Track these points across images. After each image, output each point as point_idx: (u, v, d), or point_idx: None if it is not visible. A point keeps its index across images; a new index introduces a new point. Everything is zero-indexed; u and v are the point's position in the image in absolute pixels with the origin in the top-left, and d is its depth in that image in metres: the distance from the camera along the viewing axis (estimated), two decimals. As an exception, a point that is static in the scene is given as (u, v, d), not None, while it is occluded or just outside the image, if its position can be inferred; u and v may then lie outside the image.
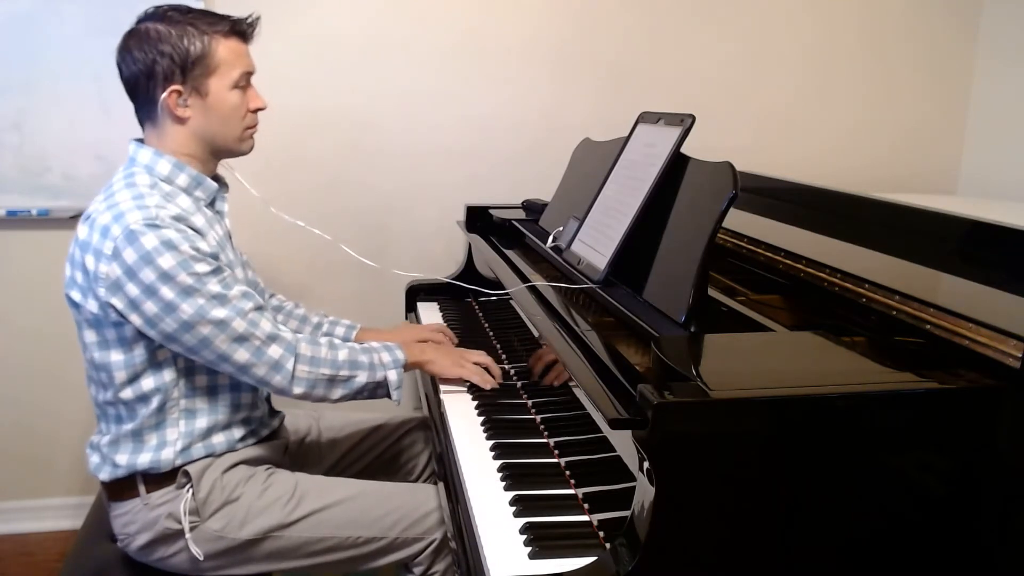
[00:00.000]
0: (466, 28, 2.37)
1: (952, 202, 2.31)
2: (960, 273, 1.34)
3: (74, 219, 2.25)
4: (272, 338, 1.36)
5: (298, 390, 1.39)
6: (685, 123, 1.40)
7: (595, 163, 1.74)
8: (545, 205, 2.02)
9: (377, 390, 1.47)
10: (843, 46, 2.59)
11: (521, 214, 2.13)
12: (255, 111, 1.45)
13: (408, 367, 1.50)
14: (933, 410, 0.96)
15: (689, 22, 2.48)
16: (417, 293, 2.19)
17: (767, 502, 0.94)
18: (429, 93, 2.38)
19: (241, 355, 1.33)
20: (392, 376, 1.46)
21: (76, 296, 1.35)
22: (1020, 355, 0.94)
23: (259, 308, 1.37)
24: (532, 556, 1.05)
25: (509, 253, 1.92)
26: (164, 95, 1.35)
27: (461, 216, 2.25)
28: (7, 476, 2.39)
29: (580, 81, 2.45)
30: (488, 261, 1.92)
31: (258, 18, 1.44)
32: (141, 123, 1.43)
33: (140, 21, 1.38)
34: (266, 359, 1.35)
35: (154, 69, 1.34)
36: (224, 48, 1.37)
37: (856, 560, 0.97)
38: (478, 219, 2.20)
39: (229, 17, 1.41)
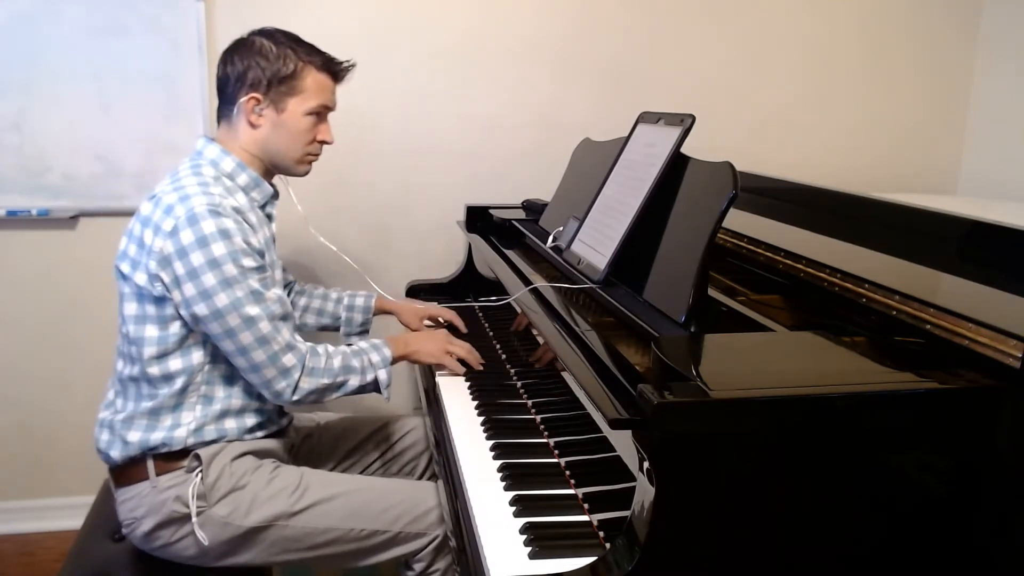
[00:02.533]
0: (466, 28, 2.37)
1: (952, 202, 2.31)
2: (960, 273, 1.34)
3: (74, 219, 2.26)
4: (289, 347, 1.42)
5: (296, 397, 1.45)
6: (685, 123, 1.40)
7: (595, 163, 1.74)
8: (545, 205, 2.02)
9: (366, 387, 1.53)
10: (843, 46, 2.59)
11: (521, 214, 2.14)
12: (321, 142, 1.55)
13: (395, 360, 1.56)
14: (933, 410, 0.96)
15: (689, 22, 2.48)
16: (417, 293, 2.19)
17: (767, 502, 0.94)
18: (429, 93, 2.38)
19: (258, 355, 1.39)
20: (382, 376, 1.53)
21: (125, 268, 1.41)
22: (1020, 355, 0.94)
23: (284, 317, 1.43)
24: (532, 556, 1.05)
25: (509, 253, 1.92)
26: (244, 99, 1.46)
27: (461, 216, 2.25)
28: (7, 476, 2.39)
29: (580, 81, 2.45)
30: (488, 261, 1.92)
31: (354, 65, 1.55)
32: (219, 120, 1.53)
33: (251, 34, 1.50)
34: (279, 365, 1.41)
35: (246, 75, 1.46)
36: (313, 78, 1.49)
37: (856, 559, 0.97)
38: (478, 219, 2.20)
39: (327, 54, 1.52)
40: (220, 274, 1.34)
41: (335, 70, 1.53)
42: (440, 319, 1.89)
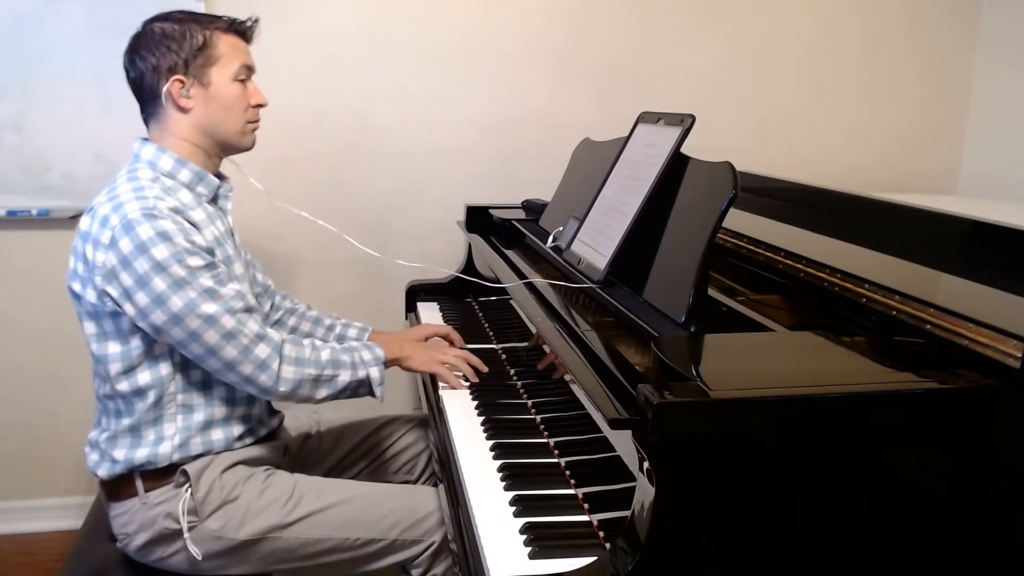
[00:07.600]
0: (466, 28, 2.37)
1: (952, 202, 2.31)
2: (960, 273, 1.34)
3: (74, 219, 2.25)
4: (260, 337, 1.38)
5: (283, 389, 1.40)
6: (685, 123, 1.40)
7: (595, 163, 1.74)
8: (545, 205, 2.02)
9: (359, 388, 1.49)
10: (843, 46, 2.59)
11: (521, 214, 2.14)
12: (256, 106, 1.48)
13: (388, 364, 1.53)
14: (933, 410, 0.96)
15: (689, 22, 2.48)
16: (417, 293, 2.19)
17: (767, 502, 0.94)
18: (429, 93, 2.38)
19: (228, 352, 1.35)
20: (374, 373, 1.48)
21: (76, 287, 1.37)
22: (1020, 355, 0.94)
23: (248, 309, 1.39)
24: (532, 556, 1.04)
25: (509, 253, 1.92)
26: (167, 84, 1.40)
27: (461, 216, 2.25)
28: (7, 476, 2.39)
29: (580, 81, 2.45)
30: (488, 261, 1.92)
31: (257, 20, 1.49)
32: (146, 122, 1.46)
33: (146, 24, 1.43)
34: (252, 358, 1.36)
35: (159, 64, 1.39)
36: (224, 42, 1.43)
37: (856, 559, 0.97)
38: (478, 219, 2.20)
39: (228, 16, 1.47)
40: (168, 277, 1.29)
41: (242, 29, 1.47)
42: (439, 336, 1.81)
